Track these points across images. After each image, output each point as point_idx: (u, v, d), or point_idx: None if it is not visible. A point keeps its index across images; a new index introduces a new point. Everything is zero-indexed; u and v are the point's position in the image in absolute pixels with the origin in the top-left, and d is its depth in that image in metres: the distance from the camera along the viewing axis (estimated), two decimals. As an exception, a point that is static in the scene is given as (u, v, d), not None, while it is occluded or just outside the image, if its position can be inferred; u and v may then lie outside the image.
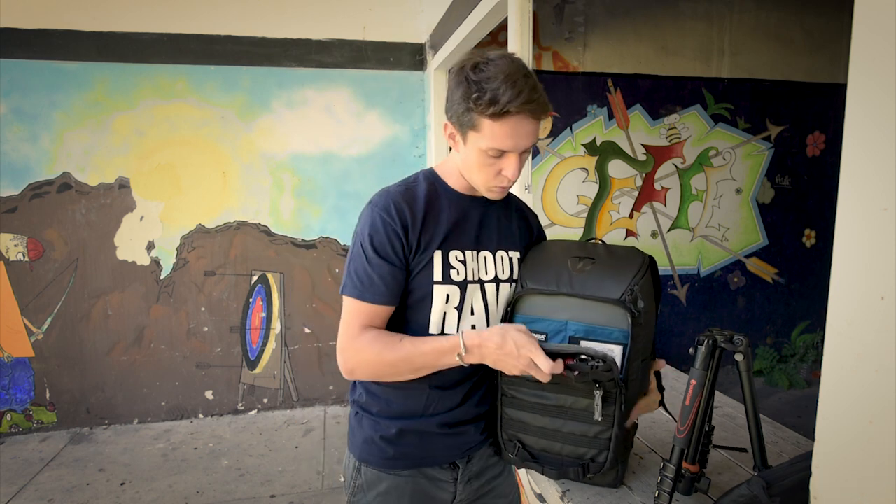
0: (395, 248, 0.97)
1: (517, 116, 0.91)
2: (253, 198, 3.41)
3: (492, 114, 0.90)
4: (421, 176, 1.07)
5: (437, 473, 1.08)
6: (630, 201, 3.81)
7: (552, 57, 3.58)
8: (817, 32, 3.88)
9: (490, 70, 0.91)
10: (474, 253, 1.05)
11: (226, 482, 2.71)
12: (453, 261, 1.01)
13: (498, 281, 1.07)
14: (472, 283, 1.03)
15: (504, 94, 0.88)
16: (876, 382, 0.58)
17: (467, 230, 1.05)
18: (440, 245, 1.01)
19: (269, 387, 3.54)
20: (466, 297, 1.02)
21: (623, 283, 0.96)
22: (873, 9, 0.55)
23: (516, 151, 0.95)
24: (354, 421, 1.10)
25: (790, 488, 0.83)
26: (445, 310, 1.01)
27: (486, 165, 0.97)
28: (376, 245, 0.97)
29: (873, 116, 0.56)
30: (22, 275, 3.19)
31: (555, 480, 1.08)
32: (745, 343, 0.93)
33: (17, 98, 3.08)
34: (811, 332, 4.17)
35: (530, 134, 0.95)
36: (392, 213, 0.98)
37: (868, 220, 0.57)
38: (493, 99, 0.89)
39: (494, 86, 0.89)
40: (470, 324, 1.04)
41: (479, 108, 0.90)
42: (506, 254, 1.09)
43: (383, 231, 0.97)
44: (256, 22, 3.27)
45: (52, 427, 3.31)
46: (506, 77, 0.89)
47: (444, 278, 1.00)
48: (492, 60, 0.92)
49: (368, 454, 1.06)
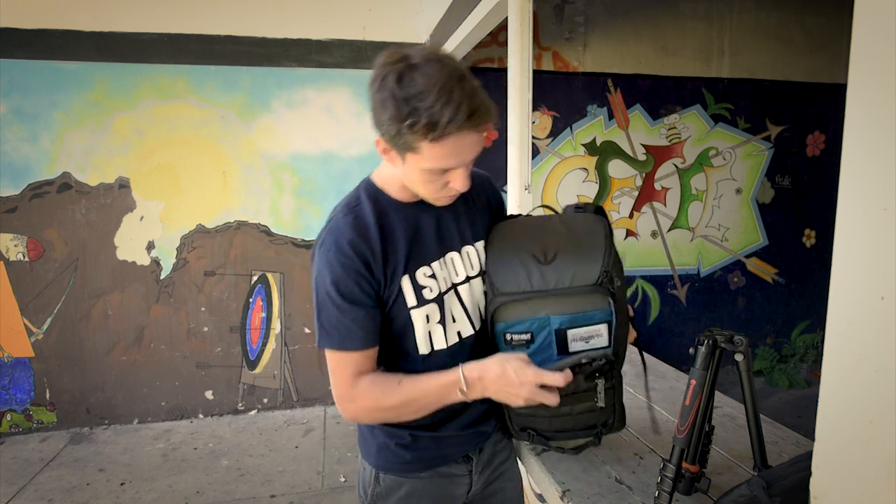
0: (363, 289, 0.92)
1: (457, 134, 0.81)
2: (253, 198, 3.41)
3: (431, 138, 0.80)
4: (363, 195, 0.98)
5: (454, 469, 1.09)
6: (630, 201, 3.81)
7: (552, 57, 3.59)
8: (817, 32, 3.88)
9: (419, 82, 0.78)
10: (441, 261, 1.00)
11: (226, 482, 2.71)
12: (423, 279, 0.97)
13: (469, 279, 1.04)
14: (447, 292, 1.00)
15: (442, 113, 0.77)
16: (876, 382, 0.58)
17: (427, 240, 0.99)
18: (405, 269, 0.95)
19: (269, 387, 3.54)
20: (445, 309, 1.00)
21: (595, 266, 0.96)
22: (873, 9, 0.55)
23: (462, 166, 0.88)
24: (366, 430, 1.08)
25: (790, 488, 0.83)
26: (429, 328, 0.99)
27: (432, 181, 0.89)
28: (343, 291, 0.90)
29: (873, 116, 0.56)
30: (22, 275, 3.19)
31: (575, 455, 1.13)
32: (745, 343, 0.93)
33: (17, 98, 3.08)
34: (811, 332, 4.17)
35: (475, 144, 0.86)
36: (349, 254, 0.90)
37: (868, 220, 0.57)
38: (431, 123, 0.78)
39: (428, 103, 0.77)
40: (455, 331, 1.02)
41: (415, 133, 0.79)
42: (471, 247, 1.05)
43: (345, 274, 0.90)
44: (256, 22, 3.27)
45: (52, 427, 3.31)
46: (440, 90, 0.77)
47: (419, 301, 0.96)
48: (418, 67, 0.79)
49: (385, 461, 1.05)
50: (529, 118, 1.92)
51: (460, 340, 1.02)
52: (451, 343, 1.01)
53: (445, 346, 1.00)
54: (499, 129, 3.54)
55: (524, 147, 1.93)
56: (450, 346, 1.01)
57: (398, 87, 0.78)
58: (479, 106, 0.81)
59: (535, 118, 3.58)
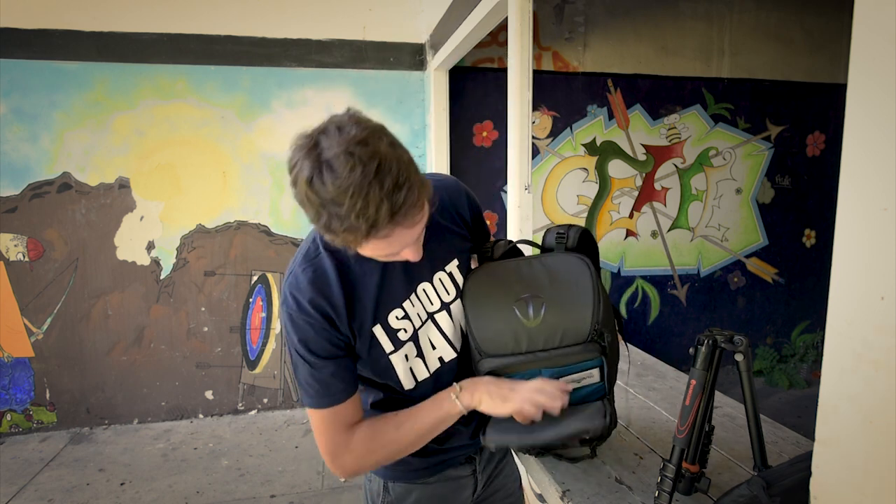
0: (333, 343, 0.89)
1: (386, 231, 0.73)
2: (253, 198, 3.41)
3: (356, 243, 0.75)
4: (321, 243, 0.90)
5: (459, 472, 1.10)
6: (630, 201, 3.81)
7: (552, 57, 3.59)
8: (817, 32, 3.88)
9: (329, 187, 0.68)
10: (413, 297, 0.96)
11: (226, 482, 2.71)
12: (395, 323, 0.94)
13: (446, 305, 0.99)
14: (423, 325, 0.97)
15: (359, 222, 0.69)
16: (876, 382, 0.58)
17: (395, 282, 0.94)
18: (375, 319, 0.92)
19: (269, 387, 3.54)
20: (422, 342, 0.98)
21: (585, 322, 0.92)
22: (873, 9, 0.55)
23: (408, 247, 0.82)
24: None
25: (790, 488, 0.83)
26: (410, 365, 0.97)
27: (383, 257, 0.83)
28: (313, 349, 0.88)
29: (873, 116, 0.56)
30: (22, 275, 3.19)
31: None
32: (745, 343, 0.93)
33: (17, 98, 3.08)
34: (811, 332, 4.17)
35: (414, 227, 0.77)
36: (311, 313, 0.86)
37: (868, 220, 0.57)
38: (351, 231, 0.71)
39: (344, 211, 0.69)
40: (437, 356, 1.00)
41: (339, 237, 0.73)
42: (443, 273, 0.99)
43: (312, 333, 0.87)
44: (256, 22, 3.27)
45: (52, 427, 3.31)
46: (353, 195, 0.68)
47: (396, 345, 0.94)
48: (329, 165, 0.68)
49: (394, 470, 1.06)
50: (529, 118, 1.92)
51: (442, 364, 1.01)
52: (433, 370, 1.00)
53: (429, 374, 1.00)
54: (499, 129, 3.55)
55: (524, 147, 1.93)
56: (433, 373, 1.00)
57: (310, 190, 0.70)
58: (403, 202, 0.71)
59: (535, 118, 3.58)
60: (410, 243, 0.81)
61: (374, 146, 0.70)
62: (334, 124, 0.72)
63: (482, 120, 3.54)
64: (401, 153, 0.73)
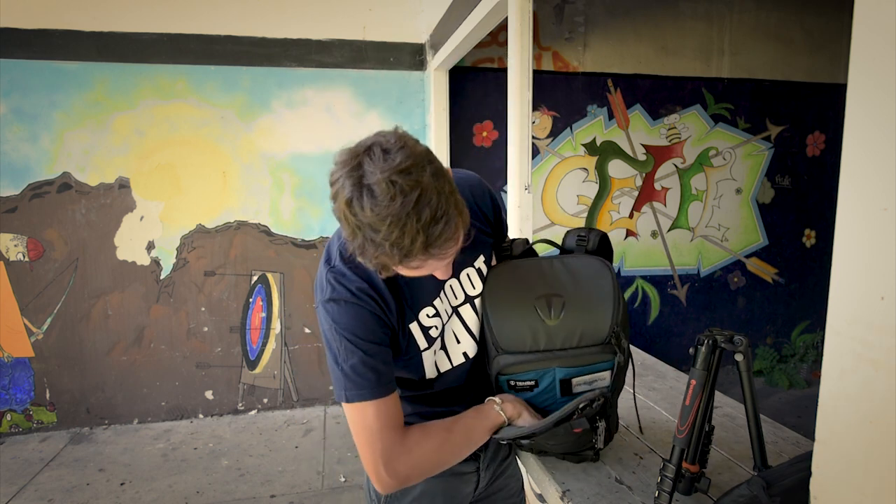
0: (383, 330, 0.89)
1: (419, 260, 0.75)
2: (253, 198, 3.41)
3: (391, 266, 0.76)
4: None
5: (463, 467, 1.10)
6: (630, 201, 3.81)
7: (552, 57, 3.59)
8: (817, 32, 3.88)
9: (368, 212, 0.69)
10: (441, 294, 0.98)
11: (226, 482, 2.71)
12: (426, 321, 0.95)
13: (470, 299, 1.01)
14: (449, 319, 0.99)
15: (393, 251, 0.71)
16: (876, 382, 0.58)
17: (425, 281, 0.94)
18: (410, 316, 0.93)
19: (269, 387, 3.54)
20: (447, 336, 1.00)
21: (604, 325, 0.94)
22: (873, 9, 0.55)
23: (438, 269, 0.83)
24: None
25: (790, 488, 0.83)
26: (436, 359, 0.99)
27: (415, 276, 0.85)
28: (365, 335, 0.86)
29: (873, 116, 0.56)
30: (22, 275, 3.19)
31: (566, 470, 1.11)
32: (745, 343, 0.93)
33: (17, 98, 3.08)
34: (811, 332, 4.17)
35: (446, 258, 0.79)
36: (363, 297, 0.87)
37: (868, 220, 0.57)
38: (385, 257, 0.73)
39: (380, 238, 0.70)
40: (461, 351, 1.02)
41: (371, 262, 0.75)
42: (471, 269, 1.01)
43: (366, 316, 0.86)
44: (256, 22, 3.27)
45: (52, 427, 3.31)
46: (390, 225, 0.69)
47: (429, 341, 0.96)
48: (370, 190, 0.69)
49: None
50: (529, 118, 1.92)
51: (467, 360, 1.04)
52: (456, 363, 1.03)
53: (451, 366, 1.02)
54: (499, 129, 3.55)
55: (524, 147, 1.93)
56: (455, 367, 1.03)
57: (349, 211, 0.71)
58: (439, 235, 0.73)
59: (535, 118, 3.58)
60: (445, 265, 0.84)
61: (416, 176, 0.70)
62: (380, 146, 0.71)
63: (482, 120, 3.54)
64: (442, 184, 0.73)
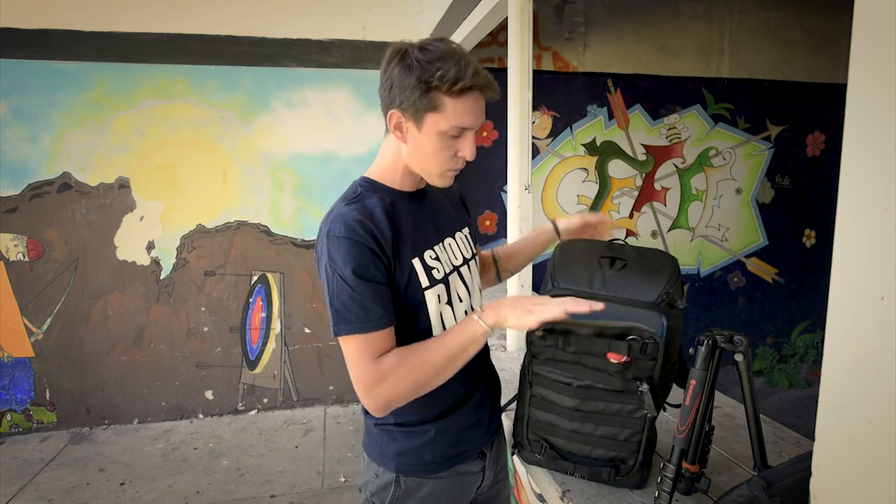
0: (376, 267, 0.92)
1: (476, 93, 0.92)
2: (253, 198, 3.41)
3: (459, 90, 0.89)
4: (361, 189, 1.01)
5: (470, 467, 1.10)
6: (630, 201, 3.81)
7: (552, 57, 3.58)
8: (817, 32, 3.88)
9: (438, 50, 0.90)
10: (441, 245, 1.05)
11: (226, 482, 2.71)
12: (430, 261, 1.01)
13: (466, 261, 1.10)
14: (451, 273, 1.04)
15: (466, 70, 0.88)
16: (876, 383, 0.58)
17: (427, 227, 1.04)
18: (413, 252, 0.98)
19: (269, 387, 3.54)
20: (451, 290, 1.04)
21: (658, 287, 0.97)
22: (873, 9, 0.55)
23: (475, 128, 0.96)
24: (383, 436, 1.06)
25: (790, 488, 0.83)
26: (440, 309, 1.01)
27: (444, 149, 0.95)
28: (357, 270, 0.90)
29: (873, 116, 0.56)
30: (22, 275, 3.19)
31: (586, 477, 1.09)
32: (745, 343, 0.93)
33: (17, 98, 3.08)
34: (811, 332, 4.17)
35: (483, 111, 0.96)
36: (359, 233, 0.91)
37: (868, 220, 0.57)
38: (458, 75, 0.88)
39: (451, 64, 0.88)
40: (463, 310, 1.05)
41: (444, 85, 0.88)
42: (461, 233, 1.12)
43: (358, 253, 0.90)
44: (256, 22, 3.27)
45: (52, 427, 3.31)
46: (458, 56, 0.90)
47: (431, 281, 0.99)
48: (432, 43, 0.91)
49: (407, 464, 1.04)
50: (529, 118, 1.92)
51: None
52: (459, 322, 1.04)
53: (455, 325, 1.02)
54: (499, 129, 3.55)
55: (524, 147, 1.93)
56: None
57: (422, 54, 0.89)
58: (489, 74, 0.93)
59: (535, 118, 3.58)
60: (481, 123, 0.96)
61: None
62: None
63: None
64: None
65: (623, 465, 1.04)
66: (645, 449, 1.02)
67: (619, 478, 1.05)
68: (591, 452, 1.06)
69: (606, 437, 1.03)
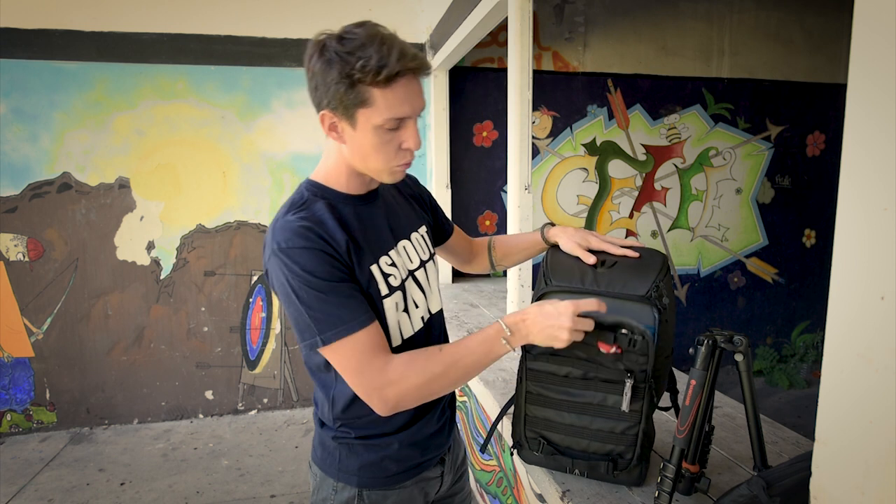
0: (339, 268, 0.87)
1: (405, 78, 0.84)
2: (253, 198, 3.41)
3: (384, 78, 0.81)
4: (307, 194, 0.95)
5: (431, 473, 1.08)
6: (630, 201, 3.81)
7: (552, 57, 3.58)
8: (817, 32, 3.88)
9: (359, 37, 0.82)
10: (396, 250, 1.00)
11: (226, 482, 2.71)
12: (386, 268, 0.96)
13: (423, 263, 1.05)
14: (407, 279, 1.00)
15: (389, 56, 0.80)
16: (876, 382, 0.58)
17: (380, 231, 0.98)
18: (371, 259, 0.93)
19: (269, 387, 3.54)
20: (408, 296, 0.99)
21: (647, 281, 0.99)
22: (873, 9, 0.55)
23: (413, 116, 0.89)
24: (342, 450, 1.01)
25: (790, 488, 0.83)
26: (398, 318, 0.97)
27: (385, 144, 0.88)
28: (322, 275, 0.85)
29: (873, 116, 0.56)
30: (22, 275, 3.19)
31: (585, 473, 1.10)
32: (745, 343, 0.93)
33: (17, 98, 3.08)
34: (811, 332, 4.17)
35: (419, 94, 0.88)
36: (314, 239, 0.86)
37: (868, 220, 0.57)
38: (380, 64, 0.80)
39: (373, 51, 0.80)
40: (419, 316, 1.01)
41: (367, 76, 0.81)
42: (417, 233, 1.07)
43: (317, 259, 0.85)
44: (256, 22, 3.27)
45: (52, 427, 3.31)
46: (380, 41, 0.82)
47: (390, 290, 0.95)
48: (352, 31, 0.83)
49: (370, 478, 1.01)
50: (529, 118, 1.92)
51: (424, 325, 1.03)
52: (416, 329, 1.01)
53: (413, 332, 1.00)
54: (499, 129, 3.55)
55: (524, 147, 1.93)
56: (416, 332, 1.01)
57: (340, 45, 0.82)
58: (418, 53, 0.85)
59: (535, 118, 3.58)
60: (419, 109, 0.89)
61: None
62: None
63: (482, 120, 3.54)
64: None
65: (621, 460, 1.04)
66: (642, 442, 1.02)
67: (616, 472, 1.05)
68: (589, 447, 1.06)
69: (602, 431, 1.03)
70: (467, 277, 3.63)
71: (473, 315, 2.69)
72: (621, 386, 0.98)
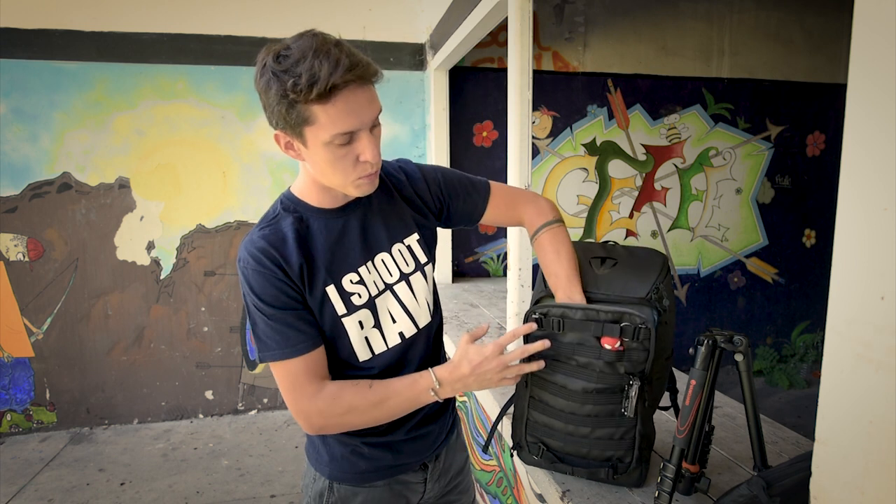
0: (287, 294, 0.90)
1: (347, 90, 0.79)
2: (253, 198, 3.41)
3: (317, 95, 0.77)
4: (281, 207, 0.96)
5: (409, 477, 1.07)
6: (630, 201, 3.81)
7: (552, 57, 3.58)
8: (817, 32, 3.88)
9: (292, 53, 0.78)
10: (369, 265, 0.97)
11: (226, 482, 2.71)
12: (349, 286, 0.95)
13: (405, 276, 1.01)
14: (380, 294, 0.98)
15: (321, 68, 0.76)
16: (876, 382, 0.58)
17: (351, 246, 0.96)
18: (327, 278, 0.93)
19: (269, 387, 3.54)
20: (380, 312, 0.98)
21: (647, 283, 0.99)
22: (873, 9, 0.55)
23: (364, 127, 0.84)
24: (318, 440, 1.05)
25: (790, 488, 0.83)
26: (365, 334, 0.97)
27: (339, 159, 0.85)
28: (268, 300, 0.89)
29: (873, 116, 0.56)
30: (22, 275, 3.19)
31: (585, 478, 1.11)
32: (745, 343, 0.93)
33: (17, 98, 3.08)
34: (811, 332, 4.17)
35: (369, 102, 0.83)
36: (265, 263, 0.89)
37: (868, 220, 0.57)
38: (312, 79, 0.76)
39: (302, 68, 0.77)
40: (396, 331, 0.99)
41: (301, 95, 0.77)
42: (402, 245, 1.02)
43: (266, 283, 0.89)
44: (256, 22, 3.27)
45: (52, 427, 3.31)
46: (314, 53, 0.77)
47: (349, 308, 0.94)
48: (290, 45, 0.80)
49: (340, 471, 1.02)
50: (529, 118, 1.92)
51: (403, 341, 1.00)
52: (392, 345, 0.99)
53: (386, 348, 0.99)
54: (499, 129, 3.55)
55: (524, 147, 1.93)
56: (391, 348, 0.99)
57: (276, 63, 0.79)
58: (360, 59, 0.80)
59: (535, 118, 3.58)
60: (370, 119, 0.84)
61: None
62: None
63: (482, 120, 3.54)
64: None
65: (620, 464, 1.04)
66: (640, 444, 1.02)
67: (617, 476, 1.05)
68: (589, 454, 1.06)
69: (602, 439, 1.03)
70: (467, 277, 3.63)
71: (473, 315, 2.69)
72: (620, 395, 0.98)
